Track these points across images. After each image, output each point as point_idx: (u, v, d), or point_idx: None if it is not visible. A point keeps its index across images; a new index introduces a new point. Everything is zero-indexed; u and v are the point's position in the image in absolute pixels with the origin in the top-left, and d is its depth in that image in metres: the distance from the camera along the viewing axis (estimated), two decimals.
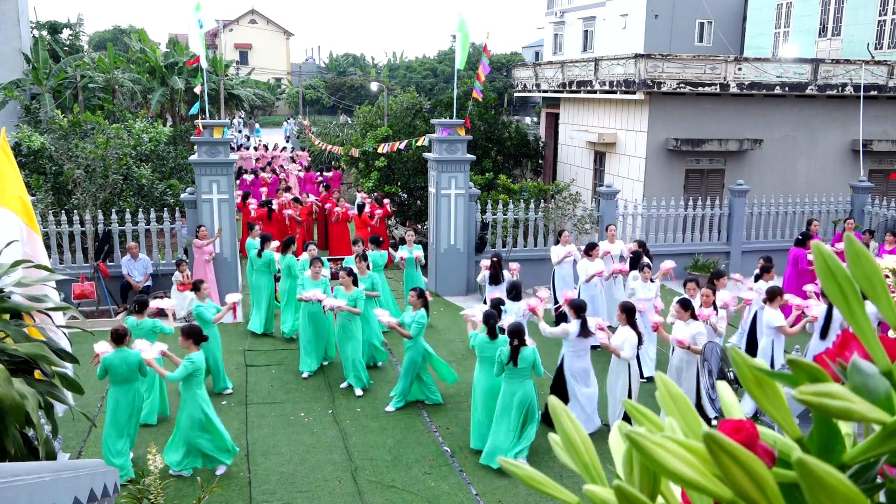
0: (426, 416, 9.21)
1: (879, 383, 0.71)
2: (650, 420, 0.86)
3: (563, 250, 12.34)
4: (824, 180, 18.29)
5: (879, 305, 0.75)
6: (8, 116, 23.06)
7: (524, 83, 23.80)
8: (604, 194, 14.99)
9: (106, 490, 3.70)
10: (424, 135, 16.11)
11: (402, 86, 46.99)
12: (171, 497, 7.04)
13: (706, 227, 15.93)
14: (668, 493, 0.82)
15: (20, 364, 3.82)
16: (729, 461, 0.67)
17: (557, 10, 34.36)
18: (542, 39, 41.19)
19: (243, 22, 67.62)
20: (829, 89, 17.72)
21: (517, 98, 32.90)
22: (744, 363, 0.75)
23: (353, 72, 66.89)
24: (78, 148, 14.61)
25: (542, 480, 0.91)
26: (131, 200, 15.22)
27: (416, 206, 18.95)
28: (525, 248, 14.90)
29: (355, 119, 24.01)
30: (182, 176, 18.59)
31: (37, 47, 24.43)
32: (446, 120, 14.30)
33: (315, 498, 7.37)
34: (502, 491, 7.54)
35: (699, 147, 17.25)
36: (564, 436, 0.91)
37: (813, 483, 0.64)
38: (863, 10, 21.78)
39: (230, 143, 13.74)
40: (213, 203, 13.16)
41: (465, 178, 14.20)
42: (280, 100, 59.49)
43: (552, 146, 22.91)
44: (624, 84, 17.34)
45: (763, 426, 0.76)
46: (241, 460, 8.05)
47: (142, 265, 12.93)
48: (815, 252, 0.76)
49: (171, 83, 27.58)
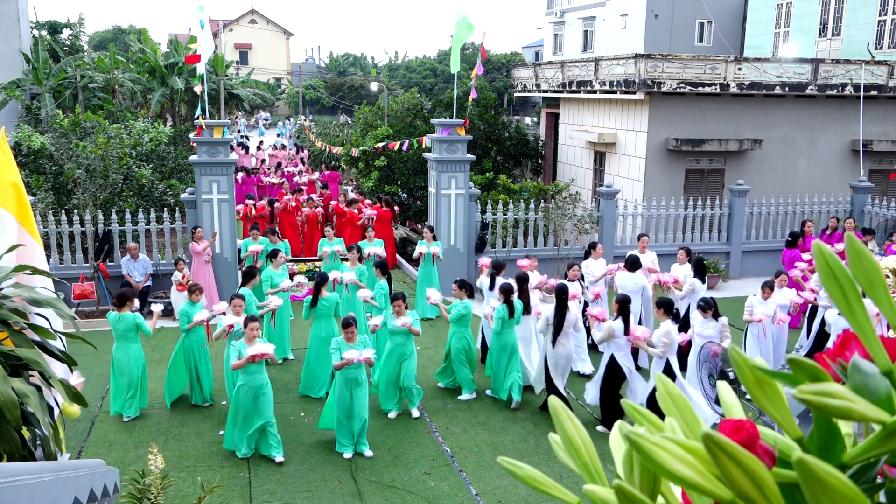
0: (426, 416, 9.21)
1: (880, 383, 0.71)
2: (650, 421, 0.86)
3: (599, 266, 11.42)
4: (824, 180, 18.29)
5: (880, 305, 0.75)
6: (8, 116, 23.06)
7: (524, 83, 23.80)
8: (604, 194, 14.99)
9: (106, 490, 3.70)
10: (424, 135, 16.11)
11: (402, 86, 47.03)
12: (172, 497, 7.04)
13: (706, 227, 15.93)
14: (668, 493, 0.82)
15: (21, 365, 3.82)
16: (729, 461, 0.67)
17: (557, 10, 34.37)
18: (542, 39, 41.20)
19: (243, 22, 67.64)
20: (829, 89, 17.72)
21: (517, 98, 32.90)
22: (744, 363, 0.75)
23: (353, 72, 66.92)
24: (78, 148, 14.62)
25: (542, 480, 0.91)
26: (131, 200, 15.22)
27: (416, 206, 18.95)
28: (525, 247, 14.90)
29: (355, 119, 24.01)
30: (182, 176, 18.59)
31: (37, 47, 24.43)
32: (446, 120, 14.30)
33: (315, 498, 7.37)
34: (502, 491, 7.54)
35: (699, 147, 17.26)
36: (564, 436, 0.91)
37: (813, 483, 0.64)
38: (863, 10, 21.78)
39: (231, 143, 13.74)
40: (213, 203, 13.16)
41: (465, 178, 14.20)
42: (280, 100, 59.48)
43: (552, 146, 22.91)
44: (624, 84, 17.34)
45: (763, 426, 0.76)
46: (241, 460, 8.05)
47: (142, 265, 12.92)
48: (816, 252, 0.76)
49: (171, 83, 27.59)
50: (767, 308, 9.81)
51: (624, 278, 10.83)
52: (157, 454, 5.81)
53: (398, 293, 9.14)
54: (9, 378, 3.48)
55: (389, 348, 9.01)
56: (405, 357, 8.98)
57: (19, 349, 3.81)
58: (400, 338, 8.94)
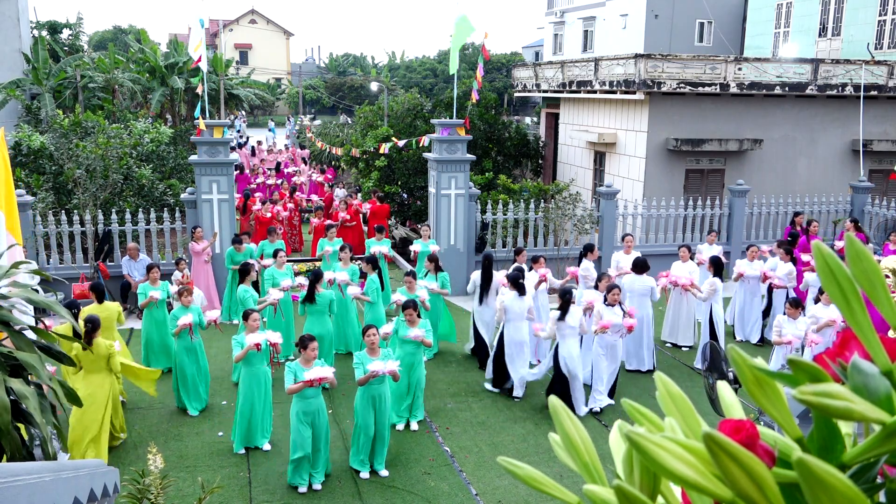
0: (426, 416, 9.21)
1: (880, 383, 0.71)
2: (650, 420, 0.86)
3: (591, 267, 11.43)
4: (824, 180, 18.29)
5: (880, 306, 0.75)
6: (8, 116, 23.06)
7: (524, 83, 23.80)
8: (604, 194, 14.99)
9: (106, 490, 3.70)
10: (424, 135, 16.11)
11: (402, 86, 47.01)
12: (172, 497, 7.04)
13: (706, 227, 15.93)
14: (668, 493, 0.82)
15: (19, 367, 3.82)
16: (729, 461, 0.67)
17: (557, 10, 34.37)
18: (542, 39, 41.19)
19: (243, 22, 67.63)
20: (829, 89, 17.72)
21: (517, 98, 32.90)
22: (744, 363, 0.75)
23: (353, 72, 66.90)
24: (78, 148, 14.61)
25: (542, 480, 0.91)
26: (131, 200, 15.21)
27: (416, 206, 18.95)
28: (525, 248, 14.88)
29: (355, 119, 24.02)
30: (182, 176, 18.59)
31: (37, 47, 24.42)
32: (446, 120, 14.29)
33: (315, 498, 7.37)
34: (502, 491, 7.54)
35: (699, 147, 17.25)
36: (564, 436, 0.91)
37: (813, 483, 0.64)
38: (863, 10, 21.78)
39: (230, 143, 13.75)
40: (213, 203, 13.17)
41: (465, 178, 14.19)
42: (280, 100, 59.48)
43: (552, 146, 22.91)
44: (624, 84, 17.34)
45: (763, 426, 0.76)
46: (241, 460, 8.05)
47: (142, 265, 12.92)
48: (816, 252, 0.76)
49: (171, 83, 27.59)
50: (797, 328, 9.08)
51: (633, 281, 10.75)
52: (157, 454, 5.80)
53: (409, 301, 8.92)
54: (9, 379, 3.48)
55: (398, 356, 8.38)
56: (414, 367, 8.72)
57: (18, 352, 3.81)
58: (410, 346, 8.67)
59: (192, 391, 9.12)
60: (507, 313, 9.61)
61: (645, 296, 10.62)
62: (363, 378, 7.43)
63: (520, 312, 9.61)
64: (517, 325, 9.64)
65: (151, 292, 9.96)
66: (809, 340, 8.87)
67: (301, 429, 7.29)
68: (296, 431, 7.31)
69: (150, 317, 10.22)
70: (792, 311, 9.16)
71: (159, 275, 10.33)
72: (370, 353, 7.63)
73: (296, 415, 7.31)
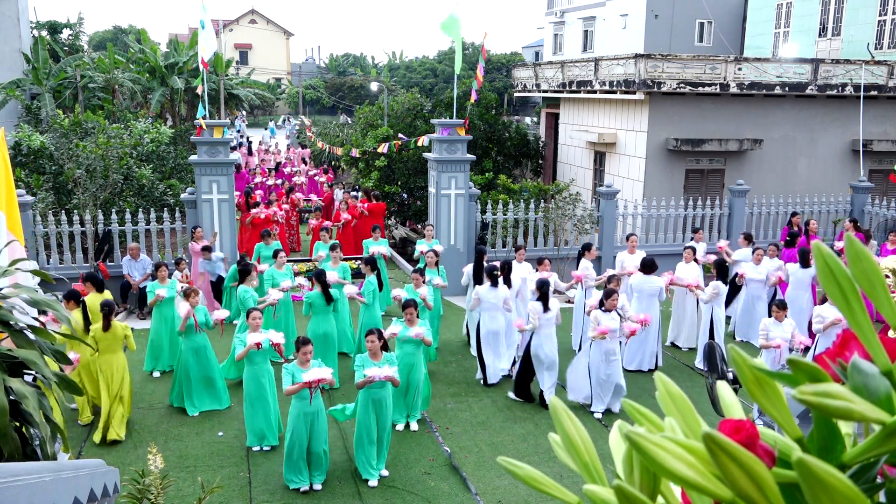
0: (426, 415, 9.21)
1: (879, 383, 0.71)
2: (650, 420, 0.86)
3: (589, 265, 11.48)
4: (824, 180, 18.29)
5: (879, 306, 0.75)
6: (8, 116, 23.06)
7: (524, 83, 23.80)
8: (604, 194, 14.99)
9: (106, 490, 3.70)
10: (424, 135, 16.11)
11: (402, 86, 47.00)
12: (172, 497, 7.04)
13: (706, 227, 15.93)
14: (668, 493, 0.82)
15: (18, 366, 3.82)
16: (729, 461, 0.67)
17: (557, 10, 34.37)
18: (542, 39, 41.19)
19: (243, 22, 67.64)
20: (829, 89, 17.72)
21: (517, 98, 32.90)
22: (744, 363, 0.75)
23: (353, 72, 66.90)
24: (78, 148, 14.61)
25: (542, 480, 0.91)
26: (131, 200, 15.21)
27: (415, 206, 18.95)
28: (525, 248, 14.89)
29: (355, 119, 24.03)
30: (182, 176, 18.59)
31: (37, 47, 24.43)
32: (446, 120, 14.29)
33: (315, 498, 7.37)
34: (502, 491, 7.54)
35: (699, 147, 17.25)
36: (564, 436, 0.91)
37: (813, 483, 0.64)
38: (863, 10, 21.78)
39: (230, 143, 13.75)
40: (213, 203, 13.16)
41: (465, 178, 14.20)
42: (280, 100, 59.48)
43: (552, 146, 22.91)
44: (624, 84, 17.34)
45: (763, 426, 0.76)
46: (241, 460, 8.05)
47: (142, 266, 12.93)
48: (816, 252, 0.76)
49: (171, 83, 27.59)
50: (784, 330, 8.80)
51: (641, 282, 10.70)
52: (157, 454, 5.81)
53: (410, 300, 8.86)
54: (8, 378, 3.48)
55: (398, 356, 8.29)
56: (414, 366, 8.67)
57: (18, 350, 3.81)
58: (410, 346, 8.61)
59: (195, 392, 9.11)
60: (482, 303, 10.02)
61: (653, 296, 10.59)
62: (360, 383, 7.39)
63: (494, 303, 10.01)
64: (492, 315, 10.04)
65: (158, 290, 9.97)
66: (796, 342, 8.72)
67: (298, 429, 7.30)
68: (292, 431, 7.32)
69: (158, 315, 10.21)
70: (778, 313, 8.83)
71: (167, 273, 10.28)
72: (371, 357, 7.59)
73: (295, 416, 7.31)
